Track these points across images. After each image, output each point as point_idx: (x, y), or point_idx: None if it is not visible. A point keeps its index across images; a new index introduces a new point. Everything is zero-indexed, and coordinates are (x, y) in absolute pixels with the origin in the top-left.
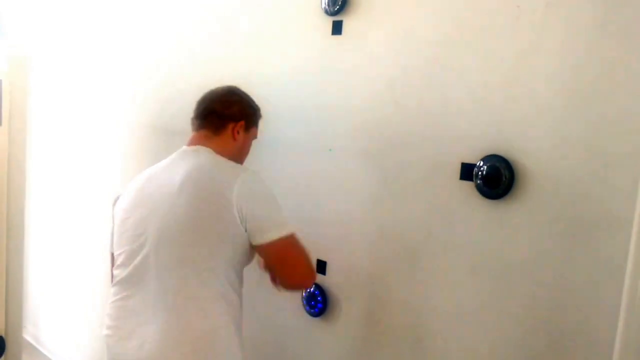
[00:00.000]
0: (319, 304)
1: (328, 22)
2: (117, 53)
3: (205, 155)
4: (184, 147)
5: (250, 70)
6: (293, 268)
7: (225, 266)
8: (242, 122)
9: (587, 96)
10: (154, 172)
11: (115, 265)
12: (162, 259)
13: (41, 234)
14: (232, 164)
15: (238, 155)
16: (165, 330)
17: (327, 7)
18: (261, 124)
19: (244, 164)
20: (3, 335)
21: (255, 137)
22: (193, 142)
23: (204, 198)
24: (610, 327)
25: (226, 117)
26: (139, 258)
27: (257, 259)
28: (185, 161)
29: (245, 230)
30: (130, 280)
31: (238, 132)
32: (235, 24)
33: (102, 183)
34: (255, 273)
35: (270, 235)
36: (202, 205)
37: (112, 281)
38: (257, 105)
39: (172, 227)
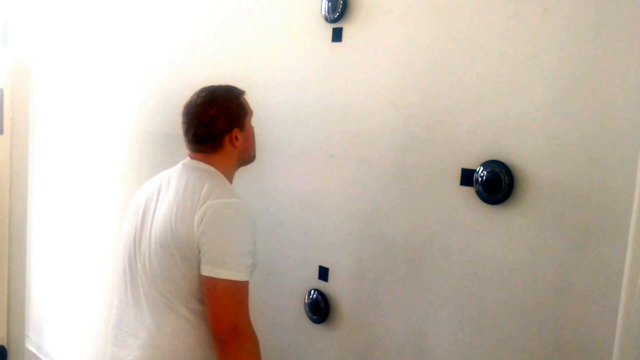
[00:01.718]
0: (321, 310)
1: (328, 29)
2: (117, 59)
3: (196, 177)
4: (187, 160)
5: (250, 77)
6: (216, 313)
7: (198, 292)
8: (236, 129)
9: (585, 102)
10: (155, 183)
11: (119, 271)
12: (144, 277)
13: (43, 242)
14: (216, 187)
15: (245, 152)
16: (144, 349)
17: (327, 14)
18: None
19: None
20: (5, 345)
21: (251, 117)
22: (195, 156)
23: (175, 225)
24: (610, 330)
25: (218, 135)
26: (130, 270)
27: None
28: (177, 181)
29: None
30: (126, 290)
31: (236, 138)
32: (235, 30)
33: (104, 190)
34: (255, 280)
35: (213, 270)
36: (174, 232)
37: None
38: (235, 93)
39: (152, 248)
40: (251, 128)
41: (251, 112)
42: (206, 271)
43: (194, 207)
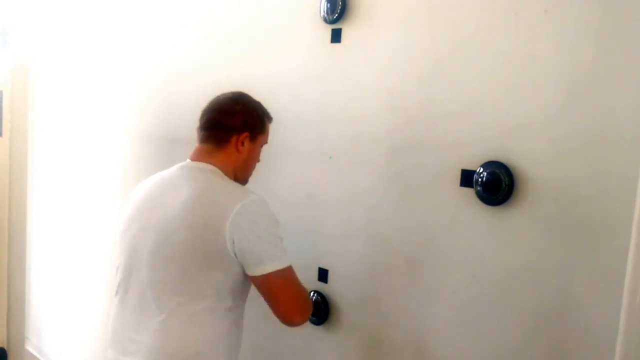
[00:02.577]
0: (320, 312)
1: (327, 30)
2: (116, 61)
3: (207, 178)
4: (188, 162)
5: (249, 78)
6: (281, 303)
7: (215, 292)
8: (247, 133)
9: (586, 101)
10: (155, 185)
11: (116, 276)
12: (152, 279)
13: (43, 244)
14: (232, 188)
15: (244, 167)
16: (151, 352)
17: (326, 15)
18: (271, 127)
19: (253, 172)
20: (5, 347)
21: (265, 143)
22: (196, 156)
23: (197, 227)
24: (612, 331)
25: (229, 129)
26: (134, 273)
27: None
28: (186, 182)
29: (238, 260)
30: (126, 294)
31: (242, 144)
32: (233, 31)
33: (104, 193)
34: None
35: (260, 269)
36: (194, 233)
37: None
38: (264, 110)
39: (164, 250)
40: (259, 151)
41: (267, 135)
42: (258, 271)
43: (219, 215)
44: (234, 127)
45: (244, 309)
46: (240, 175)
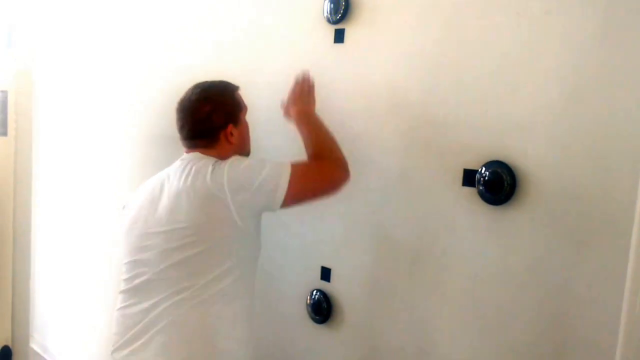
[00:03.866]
0: (323, 311)
1: (330, 30)
2: (119, 61)
3: (197, 162)
4: (185, 156)
5: (252, 79)
6: (318, 190)
7: (222, 280)
8: (230, 125)
9: (588, 102)
10: (157, 181)
11: (122, 273)
12: (162, 272)
13: (48, 243)
14: (211, 164)
15: (241, 147)
16: (161, 347)
17: (329, 15)
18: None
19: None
20: (9, 345)
21: (246, 112)
22: (192, 151)
23: (195, 208)
24: (613, 331)
25: (212, 131)
26: (142, 270)
27: None
28: (180, 171)
29: (248, 216)
30: (134, 290)
31: (232, 134)
32: (236, 31)
33: (108, 192)
34: (257, 279)
35: (276, 199)
36: (195, 215)
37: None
38: (229, 88)
39: (171, 241)
40: (246, 123)
41: (246, 107)
42: (276, 203)
43: (210, 186)
44: (216, 127)
45: (252, 299)
46: (242, 153)
